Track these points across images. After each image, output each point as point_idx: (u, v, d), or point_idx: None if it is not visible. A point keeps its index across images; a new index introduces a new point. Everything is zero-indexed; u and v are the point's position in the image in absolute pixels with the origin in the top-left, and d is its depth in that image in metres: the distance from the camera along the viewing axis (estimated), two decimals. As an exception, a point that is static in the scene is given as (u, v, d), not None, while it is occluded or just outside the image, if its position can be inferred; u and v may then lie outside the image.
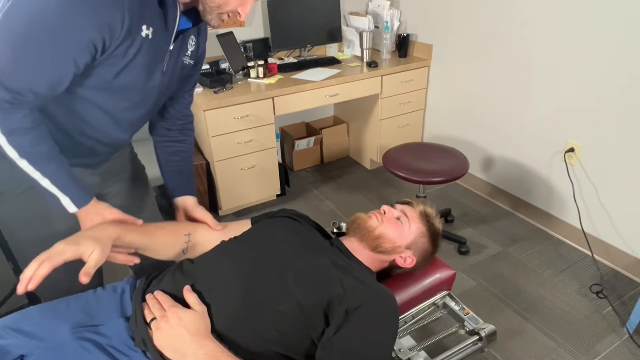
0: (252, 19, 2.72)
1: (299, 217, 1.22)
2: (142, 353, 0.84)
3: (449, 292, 1.29)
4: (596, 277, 2.04)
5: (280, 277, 0.95)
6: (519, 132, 2.39)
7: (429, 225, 1.15)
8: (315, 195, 2.80)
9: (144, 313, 0.89)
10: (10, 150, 0.85)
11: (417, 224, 1.14)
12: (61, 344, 0.83)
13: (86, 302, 0.93)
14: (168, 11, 0.91)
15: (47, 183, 0.91)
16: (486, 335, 1.26)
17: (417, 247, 1.14)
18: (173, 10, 0.93)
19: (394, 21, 2.85)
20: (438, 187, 2.84)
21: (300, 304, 0.91)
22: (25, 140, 0.86)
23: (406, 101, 2.84)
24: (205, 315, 0.87)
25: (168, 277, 0.97)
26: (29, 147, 0.87)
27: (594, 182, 2.08)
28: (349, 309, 0.92)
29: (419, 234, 1.14)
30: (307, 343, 0.92)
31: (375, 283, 1.04)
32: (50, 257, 0.82)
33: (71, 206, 0.95)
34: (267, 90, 2.33)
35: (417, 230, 1.14)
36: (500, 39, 2.33)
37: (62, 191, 0.93)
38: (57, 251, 0.83)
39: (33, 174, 0.89)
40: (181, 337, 0.82)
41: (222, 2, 0.95)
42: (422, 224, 1.15)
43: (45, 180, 0.90)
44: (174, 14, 0.93)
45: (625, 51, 1.81)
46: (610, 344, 1.71)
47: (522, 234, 2.37)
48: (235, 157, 2.40)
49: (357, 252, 1.12)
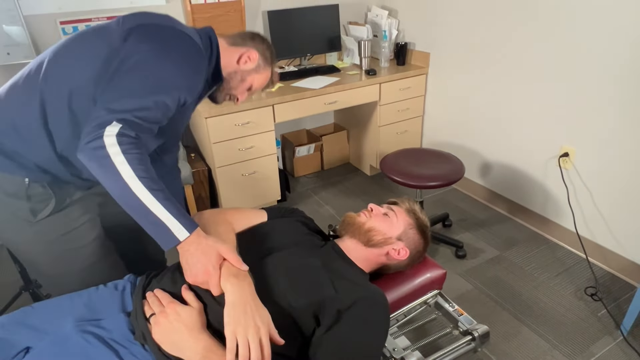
0: (253, 28, 2.79)
1: (306, 219, 1.27)
2: (141, 346, 0.89)
3: (439, 291, 1.33)
4: (592, 280, 2.07)
5: (272, 278, 0.99)
6: (514, 137, 2.43)
7: (415, 217, 1.21)
8: (315, 200, 2.85)
9: (144, 309, 0.93)
10: (129, 172, 0.88)
11: (404, 217, 1.20)
12: (65, 336, 0.87)
13: (89, 298, 0.98)
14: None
15: (158, 208, 0.89)
16: (479, 336, 1.28)
17: (408, 239, 1.19)
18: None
19: (392, 30, 2.91)
20: (436, 193, 2.88)
21: (291, 305, 0.94)
22: (143, 164, 0.91)
23: (404, 108, 2.89)
24: (201, 312, 0.92)
25: (168, 277, 1.02)
26: (145, 172, 0.90)
27: (588, 186, 2.12)
28: (341, 309, 0.95)
29: (407, 225, 1.19)
30: (299, 341, 0.96)
31: (367, 283, 1.08)
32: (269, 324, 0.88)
33: (182, 232, 0.90)
34: (268, 98, 2.39)
35: (405, 222, 1.19)
36: (496, 47, 2.38)
37: (175, 217, 0.90)
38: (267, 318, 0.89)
39: (145, 198, 0.88)
40: (179, 332, 0.87)
41: (234, 87, 1.23)
42: (409, 217, 1.20)
43: (157, 205, 0.89)
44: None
45: (619, 57, 1.85)
46: (604, 346, 1.73)
47: (519, 238, 2.40)
48: (236, 163, 2.45)
49: (351, 251, 1.16)
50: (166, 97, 0.97)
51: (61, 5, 2.20)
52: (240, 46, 1.20)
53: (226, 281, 0.90)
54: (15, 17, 2.10)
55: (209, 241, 0.94)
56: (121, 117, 0.90)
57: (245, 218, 1.19)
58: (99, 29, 1.03)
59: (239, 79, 1.21)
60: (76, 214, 1.14)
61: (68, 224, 1.12)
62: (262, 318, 0.87)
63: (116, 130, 0.88)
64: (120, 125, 0.89)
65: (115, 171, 0.87)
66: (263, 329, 0.85)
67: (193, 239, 0.92)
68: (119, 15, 2.29)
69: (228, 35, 1.24)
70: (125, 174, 0.87)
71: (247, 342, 0.83)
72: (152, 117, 0.96)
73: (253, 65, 1.21)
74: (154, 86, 0.96)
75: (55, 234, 1.11)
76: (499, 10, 2.29)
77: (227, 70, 1.19)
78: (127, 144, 0.89)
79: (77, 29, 2.28)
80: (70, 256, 1.14)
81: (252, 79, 1.23)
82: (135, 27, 1.00)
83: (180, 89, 1.01)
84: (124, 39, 0.98)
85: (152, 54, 0.97)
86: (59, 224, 1.11)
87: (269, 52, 1.25)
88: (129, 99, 0.93)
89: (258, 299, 0.90)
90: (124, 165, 0.87)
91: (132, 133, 0.91)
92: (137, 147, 0.91)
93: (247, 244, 1.09)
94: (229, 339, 0.83)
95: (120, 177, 0.87)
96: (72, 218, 1.13)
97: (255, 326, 0.85)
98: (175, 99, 1.00)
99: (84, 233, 1.15)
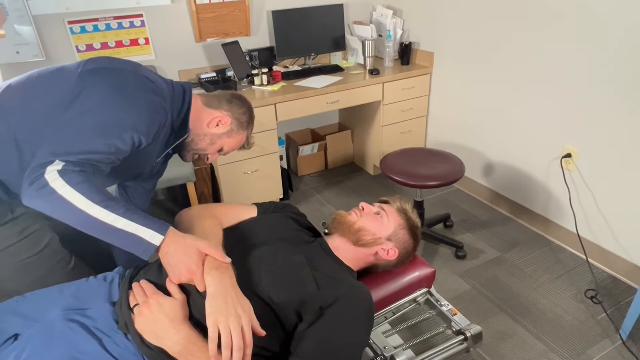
0: (258, 28, 2.82)
1: (297, 215, 1.28)
2: (123, 335, 0.91)
3: (429, 289, 1.33)
4: (593, 282, 2.03)
5: (255, 272, 1.00)
6: (518, 138, 2.41)
7: (406, 218, 1.20)
8: (318, 199, 2.86)
9: (129, 299, 0.96)
10: (81, 200, 0.87)
11: (395, 217, 1.19)
12: (51, 324, 0.90)
13: (77, 289, 1.00)
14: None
15: (124, 223, 0.88)
16: (472, 336, 1.28)
17: (397, 239, 1.18)
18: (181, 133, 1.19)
19: (396, 30, 2.91)
20: (439, 193, 2.87)
21: (273, 300, 0.96)
22: (92, 188, 0.89)
23: (408, 108, 2.88)
24: (184, 303, 0.93)
25: (154, 268, 1.04)
26: (97, 195, 0.88)
27: (591, 187, 2.09)
28: (323, 305, 0.96)
29: (397, 225, 1.18)
30: (281, 336, 0.97)
31: (351, 280, 1.08)
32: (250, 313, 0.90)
33: (156, 237, 0.91)
34: (270, 97, 2.41)
35: (395, 222, 1.18)
36: (499, 48, 2.36)
37: (142, 225, 0.90)
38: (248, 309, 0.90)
39: (107, 219, 0.87)
40: (160, 322, 0.89)
41: (203, 148, 1.24)
42: (400, 217, 1.20)
43: (122, 221, 0.88)
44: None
45: (622, 57, 1.82)
46: (602, 349, 1.70)
47: (520, 239, 2.38)
48: (239, 161, 2.48)
49: (339, 249, 1.17)
50: (117, 140, 0.96)
51: (69, 5, 2.25)
52: (214, 109, 1.21)
53: (207, 274, 0.92)
54: (25, 17, 2.17)
55: (187, 240, 0.95)
56: (64, 158, 0.89)
57: (233, 213, 1.21)
58: (59, 69, 1.04)
59: (208, 141, 1.22)
60: (20, 227, 1.08)
61: (9, 239, 1.07)
62: (244, 307, 0.89)
63: (58, 167, 0.87)
64: (63, 164, 0.88)
65: (66, 203, 0.86)
66: (244, 317, 0.87)
67: (170, 240, 0.93)
68: (124, 14, 2.35)
69: (205, 95, 1.25)
70: (78, 202, 0.86)
71: (229, 330, 0.84)
72: (99, 159, 0.94)
73: (224, 130, 1.21)
74: (104, 129, 0.95)
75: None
76: (502, 11, 2.28)
77: (196, 132, 1.19)
78: (70, 173, 0.88)
79: (84, 29, 2.34)
80: (22, 267, 1.10)
81: (222, 142, 1.24)
82: (94, 70, 1.00)
83: (134, 130, 0.98)
84: (81, 80, 0.98)
85: (106, 96, 0.97)
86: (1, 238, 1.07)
87: (246, 116, 1.27)
88: (76, 142, 0.92)
89: (239, 289, 0.92)
90: (74, 195, 0.86)
91: (76, 168, 0.89)
92: (80, 175, 0.89)
93: (234, 238, 1.11)
94: (211, 328, 0.85)
95: (74, 206, 0.86)
96: (16, 232, 1.08)
97: (236, 315, 0.86)
98: (127, 140, 0.98)
99: (30, 244, 1.11)
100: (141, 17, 2.45)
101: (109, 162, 0.97)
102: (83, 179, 0.89)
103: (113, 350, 0.88)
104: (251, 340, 0.86)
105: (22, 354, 0.85)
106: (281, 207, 1.30)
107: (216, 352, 0.83)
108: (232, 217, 1.20)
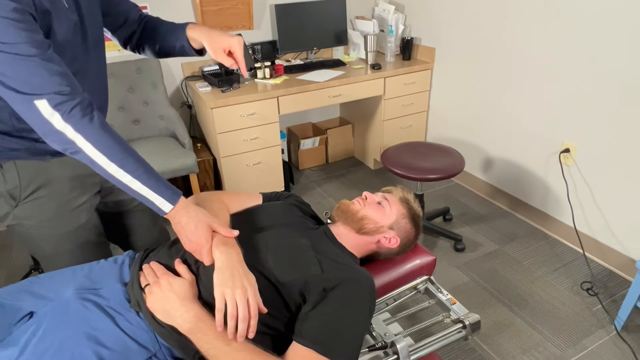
0: (261, 22, 2.84)
1: (302, 204, 1.31)
2: (135, 314, 0.94)
3: (429, 277, 1.36)
4: (589, 275, 2.07)
5: (261, 253, 1.03)
6: (517, 133, 2.44)
7: (408, 207, 1.24)
8: (319, 192, 2.89)
9: (140, 280, 0.99)
10: (98, 155, 0.88)
11: (398, 206, 1.23)
12: (66, 302, 0.93)
13: (90, 270, 1.03)
14: None
15: (137, 186, 0.91)
16: (470, 324, 1.31)
17: (399, 228, 1.22)
18: None
19: (398, 25, 2.94)
20: (438, 187, 2.90)
21: (278, 281, 0.99)
22: (109, 141, 0.89)
23: (409, 103, 2.91)
24: (193, 283, 0.97)
25: (164, 251, 1.07)
26: (113, 149, 0.89)
27: (588, 182, 2.12)
28: (327, 287, 0.99)
29: (400, 215, 1.22)
30: (286, 316, 1.00)
31: (354, 265, 1.12)
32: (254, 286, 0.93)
33: (166, 205, 0.94)
34: (273, 90, 2.44)
35: (397, 211, 1.22)
36: (499, 43, 2.39)
37: (155, 192, 0.92)
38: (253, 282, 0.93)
39: (123, 177, 0.90)
40: (171, 301, 0.92)
41: None
42: (402, 206, 1.23)
43: (135, 183, 0.91)
44: None
45: (621, 53, 1.85)
46: (597, 339, 1.74)
47: (519, 233, 2.41)
48: (241, 153, 2.51)
49: (343, 237, 1.20)
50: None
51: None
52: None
53: (216, 249, 0.96)
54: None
55: (199, 214, 0.98)
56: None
57: (239, 200, 1.24)
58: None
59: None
60: (65, 189, 1.11)
61: (55, 207, 1.09)
62: (250, 280, 0.93)
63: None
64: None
65: (87, 158, 0.88)
66: (250, 290, 0.91)
67: (181, 211, 0.96)
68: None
69: None
70: (99, 160, 0.88)
71: (235, 301, 0.88)
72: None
73: None
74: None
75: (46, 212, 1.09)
76: (503, 6, 2.30)
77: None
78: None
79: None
80: (63, 231, 1.13)
81: None
82: None
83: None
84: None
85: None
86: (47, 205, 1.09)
87: None
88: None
89: (245, 265, 0.96)
90: (94, 152, 0.88)
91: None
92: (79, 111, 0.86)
93: (240, 223, 1.14)
94: (218, 299, 0.89)
95: (96, 163, 0.89)
96: (62, 193, 1.10)
97: (242, 287, 0.90)
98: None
99: (77, 213, 1.13)
100: (146, 9, 2.48)
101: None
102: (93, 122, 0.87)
103: (126, 327, 0.91)
104: (257, 312, 0.90)
105: (38, 330, 0.88)
106: (286, 195, 1.34)
107: (222, 323, 0.87)
108: (239, 204, 1.23)
